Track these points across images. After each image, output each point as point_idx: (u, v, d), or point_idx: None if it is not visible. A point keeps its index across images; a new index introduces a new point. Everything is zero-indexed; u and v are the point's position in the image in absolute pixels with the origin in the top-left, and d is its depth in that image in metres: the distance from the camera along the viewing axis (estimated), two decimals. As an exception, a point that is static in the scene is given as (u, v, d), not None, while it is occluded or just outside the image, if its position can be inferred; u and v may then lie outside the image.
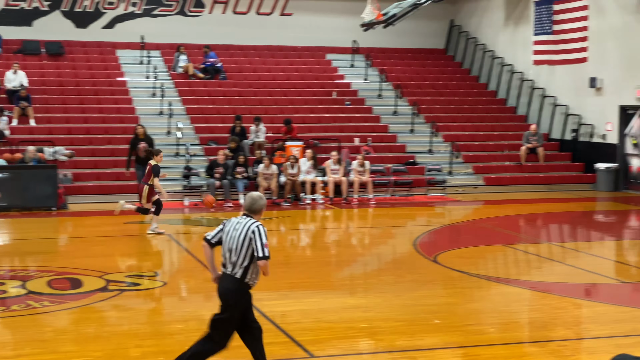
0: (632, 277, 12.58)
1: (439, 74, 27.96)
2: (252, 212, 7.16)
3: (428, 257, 13.51)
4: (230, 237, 7.08)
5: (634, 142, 21.97)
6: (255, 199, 7.18)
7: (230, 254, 7.08)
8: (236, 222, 7.13)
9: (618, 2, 22.08)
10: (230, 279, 7.08)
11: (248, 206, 7.18)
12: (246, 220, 7.08)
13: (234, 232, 7.06)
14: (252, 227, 7.01)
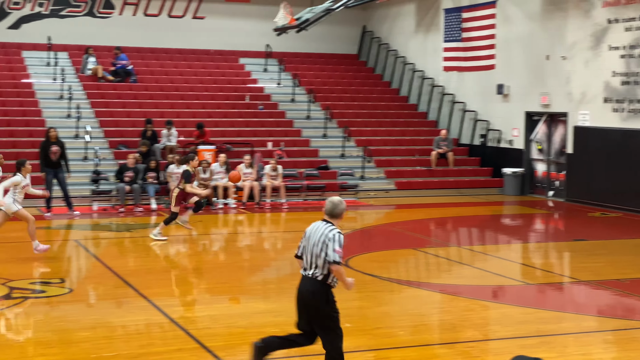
0: (537, 279, 12.89)
1: (351, 79, 28.18)
2: (333, 217, 7.30)
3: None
4: (310, 243, 7.27)
5: (539, 147, 22.57)
6: (336, 203, 7.31)
7: (311, 258, 7.26)
8: (316, 227, 7.30)
9: (524, 11, 22.67)
10: (312, 282, 7.26)
11: (329, 211, 7.31)
12: (325, 226, 7.25)
13: (314, 238, 7.25)
14: (329, 233, 7.18)
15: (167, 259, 13.48)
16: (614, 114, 19.80)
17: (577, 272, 13.37)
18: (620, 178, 19.11)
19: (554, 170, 22.15)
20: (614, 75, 19.75)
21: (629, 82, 19.35)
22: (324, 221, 7.31)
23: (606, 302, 11.39)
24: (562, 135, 21.70)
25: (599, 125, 20.25)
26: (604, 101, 20.08)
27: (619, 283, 12.05)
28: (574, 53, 20.92)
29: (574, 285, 12.42)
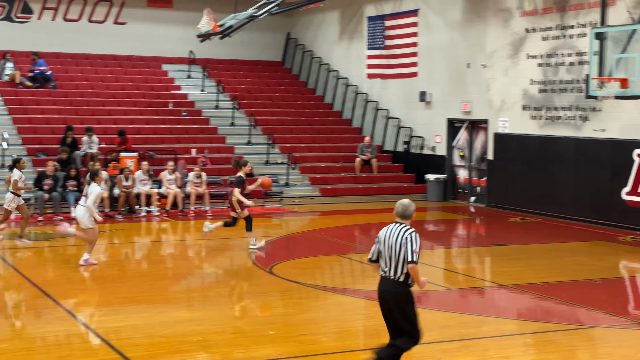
0: (459, 284, 13.07)
1: (276, 86, 28.16)
2: (405, 218, 7.66)
3: (264, 269, 13.51)
4: (387, 246, 7.58)
5: (461, 154, 22.94)
6: (406, 205, 7.70)
7: (390, 261, 7.56)
8: (391, 230, 7.62)
9: (445, 20, 23.03)
10: (393, 283, 7.57)
11: (401, 213, 7.68)
12: (400, 227, 7.60)
13: (390, 240, 7.57)
14: (405, 234, 7.53)
15: (87, 268, 13.20)
16: (532, 121, 20.25)
17: (498, 276, 13.61)
18: (539, 184, 19.55)
19: (476, 176, 22.53)
20: (532, 83, 20.21)
21: (546, 90, 19.82)
22: (396, 223, 7.63)
23: (525, 306, 11.61)
24: (483, 141, 22.10)
25: (518, 132, 20.69)
26: (522, 108, 20.53)
27: (537, 286, 12.30)
28: (493, 61, 21.34)
29: (494, 290, 12.64)
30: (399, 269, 7.52)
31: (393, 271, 7.55)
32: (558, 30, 19.42)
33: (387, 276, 7.60)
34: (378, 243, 7.67)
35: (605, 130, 18.32)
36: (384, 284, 7.63)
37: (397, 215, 7.68)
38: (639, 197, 17.37)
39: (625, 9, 16.41)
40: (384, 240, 7.62)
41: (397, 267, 7.53)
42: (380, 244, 7.65)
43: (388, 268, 7.58)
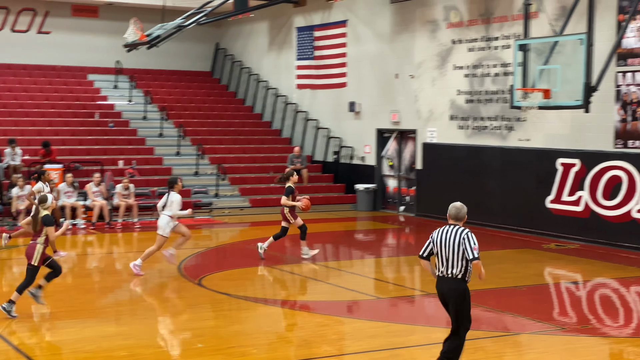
0: (389, 293, 13.14)
1: (205, 97, 27.98)
2: (459, 220, 8.15)
3: (193, 281, 13.36)
4: (444, 246, 8.03)
5: (390, 164, 23.12)
6: (458, 208, 8.19)
7: (447, 261, 8.02)
8: (446, 232, 8.07)
9: (373, 31, 23.21)
10: (453, 281, 8.03)
11: (454, 215, 8.17)
12: (456, 229, 8.06)
13: (447, 241, 8.02)
14: (462, 234, 8.00)
15: (8, 283, 12.85)
16: (460, 130, 20.54)
17: (426, 285, 13.71)
18: (466, 192, 19.78)
19: (405, 185, 22.73)
20: (458, 94, 20.51)
21: (472, 100, 20.14)
22: (450, 225, 8.10)
23: (454, 313, 11.70)
24: (412, 151, 22.32)
25: (446, 142, 20.96)
26: (450, 119, 20.81)
27: (466, 294, 12.42)
28: (421, 72, 21.59)
29: (424, 298, 12.73)
30: (458, 267, 7.98)
31: (452, 270, 8.01)
32: (483, 42, 19.77)
33: (445, 275, 8.06)
34: (431, 244, 8.14)
35: (530, 140, 18.70)
36: (442, 283, 8.11)
37: (451, 217, 8.17)
38: (562, 205, 17.76)
39: (547, 22, 16.79)
40: (439, 242, 8.07)
41: (456, 265, 7.98)
42: (434, 245, 8.12)
43: (445, 267, 8.05)
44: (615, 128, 16.79)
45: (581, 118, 16.76)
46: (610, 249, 16.51)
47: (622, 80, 16.60)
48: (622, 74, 16.58)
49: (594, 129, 17.15)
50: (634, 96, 16.40)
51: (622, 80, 16.60)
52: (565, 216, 17.72)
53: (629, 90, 16.50)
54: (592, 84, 14.83)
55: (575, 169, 17.55)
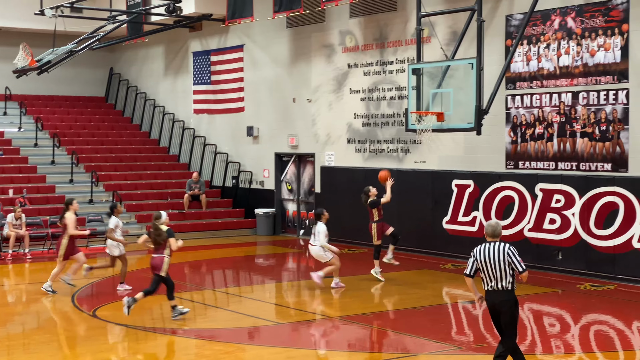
0: (290, 318, 13.08)
1: (99, 122, 27.44)
2: (496, 237, 8.76)
3: (87, 312, 13.00)
4: (490, 263, 8.63)
5: (289, 188, 23.16)
6: (494, 225, 8.83)
7: (496, 275, 8.62)
8: (489, 249, 8.67)
9: (270, 56, 23.28)
10: (503, 293, 8.66)
11: (491, 233, 8.77)
12: (498, 245, 8.68)
13: (493, 258, 8.62)
14: (506, 249, 8.65)
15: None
16: (357, 154, 20.76)
17: (327, 308, 13.75)
18: (365, 215, 19.89)
19: (304, 209, 22.79)
20: (355, 117, 20.75)
21: (369, 123, 20.40)
22: (490, 243, 8.69)
23: (355, 336, 11.76)
24: (311, 175, 22.42)
25: (343, 165, 21.14)
26: (347, 142, 21.02)
27: (365, 317, 12.51)
28: (318, 96, 21.76)
29: (325, 322, 12.74)
30: (506, 279, 8.59)
31: (502, 282, 8.60)
32: (378, 66, 20.09)
33: (496, 289, 8.64)
34: (476, 262, 8.70)
35: (425, 162, 19.06)
36: (494, 296, 8.68)
37: (489, 235, 8.77)
38: (458, 225, 18.13)
39: (439, 46, 17.19)
40: (485, 259, 8.63)
41: (505, 278, 8.59)
42: (479, 263, 8.67)
43: (495, 281, 8.63)
44: (507, 149, 17.29)
45: (474, 140, 17.19)
46: (505, 267, 16.90)
47: (511, 103, 17.14)
48: (511, 97, 17.12)
49: (487, 150, 17.62)
50: (523, 118, 16.94)
51: (512, 103, 17.13)
52: (461, 236, 18.08)
53: (518, 112, 17.04)
54: (483, 107, 15.24)
55: (469, 190, 17.97)
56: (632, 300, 13.84)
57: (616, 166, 15.46)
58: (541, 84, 16.60)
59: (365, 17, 20.33)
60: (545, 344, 11.09)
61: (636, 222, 15.06)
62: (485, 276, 8.70)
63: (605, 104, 15.57)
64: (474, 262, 8.74)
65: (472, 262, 8.76)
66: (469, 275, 8.81)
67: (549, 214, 16.42)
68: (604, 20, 15.54)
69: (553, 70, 16.40)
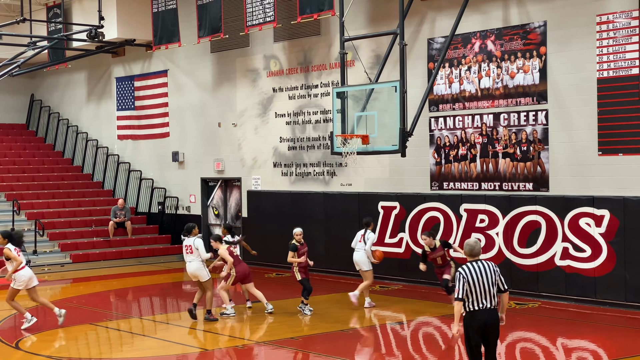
0: (219, 344, 12.95)
1: (20, 150, 26.85)
2: (477, 255, 8.70)
3: (9, 344, 12.63)
4: (482, 281, 8.53)
5: (216, 213, 23.01)
6: (473, 245, 8.74)
7: (487, 293, 8.53)
8: (479, 268, 8.59)
9: (194, 81, 23.18)
10: (494, 312, 8.60)
11: (470, 252, 8.71)
12: (485, 263, 8.64)
13: (485, 276, 8.56)
14: (494, 267, 8.67)
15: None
16: (284, 177, 20.78)
17: (255, 333, 13.67)
18: (290, 239, 19.92)
19: (231, 234, 22.62)
20: (281, 141, 20.78)
21: (295, 147, 20.46)
22: (475, 261, 8.62)
23: (284, 361, 11.70)
24: (237, 199, 22.32)
25: (270, 189, 21.12)
26: (274, 166, 21.02)
27: (293, 341, 12.47)
28: (244, 120, 21.73)
29: (255, 347, 12.65)
30: (495, 298, 8.57)
31: (490, 301, 8.53)
32: (303, 90, 20.19)
33: (486, 308, 8.53)
34: (466, 283, 8.50)
35: (352, 185, 19.18)
36: (486, 315, 8.54)
37: (468, 254, 8.72)
38: (385, 247, 18.23)
39: (363, 70, 17.38)
40: (476, 278, 8.51)
41: (494, 296, 8.56)
42: (470, 284, 8.49)
43: (487, 300, 8.53)
44: (431, 171, 17.54)
45: (399, 162, 17.38)
46: (431, 287, 17.07)
47: (435, 125, 17.41)
48: (434, 119, 17.40)
49: (412, 172, 17.83)
50: (447, 140, 17.22)
51: (435, 125, 17.40)
52: (387, 258, 18.18)
53: (442, 134, 17.31)
54: (407, 129, 15.43)
55: (395, 211, 18.14)
56: (555, 317, 14.14)
57: (537, 185, 15.83)
58: (463, 105, 16.93)
59: (289, 41, 20.44)
60: (472, 362, 11.20)
61: (558, 240, 15.42)
62: (476, 296, 8.53)
63: (526, 125, 15.95)
64: (465, 283, 8.52)
65: (463, 284, 8.53)
66: (461, 299, 8.56)
67: (473, 233, 16.67)
68: (523, 43, 15.95)
69: (474, 92, 16.75)
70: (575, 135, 15.30)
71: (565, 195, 15.38)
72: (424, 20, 17.53)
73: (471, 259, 8.71)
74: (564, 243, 15.32)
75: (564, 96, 15.42)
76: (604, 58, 14.86)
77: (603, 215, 14.81)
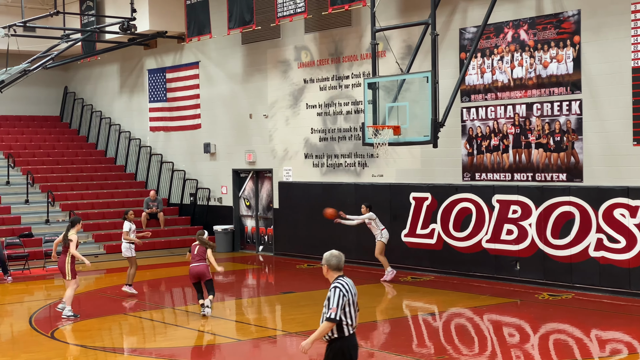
0: (250, 335, 13.02)
1: (54, 142, 27.13)
2: (341, 269, 7.36)
3: (45, 334, 12.80)
4: (354, 301, 7.27)
5: (247, 204, 23.09)
6: (338, 257, 7.37)
7: (355, 315, 7.27)
8: (349, 285, 7.28)
9: (225, 72, 23.24)
10: (355, 337, 7.29)
11: (337, 265, 7.33)
12: (350, 280, 7.34)
13: (354, 296, 7.28)
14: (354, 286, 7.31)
15: None
16: (315, 168, 20.79)
17: (287, 324, 13.71)
18: (323, 229, 19.98)
19: (263, 225, 22.73)
20: (312, 132, 20.79)
21: (326, 138, 20.45)
22: (343, 277, 7.34)
23: (316, 352, 11.72)
24: (269, 191, 22.38)
25: (301, 180, 21.15)
26: (305, 157, 21.03)
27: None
28: (275, 111, 21.76)
29: (285, 338, 12.70)
30: None
31: (356, 324, 7.33)
32: (334, 81, 20.17)
33: (354, 332, 7.32)
34: (347, 301, 7.18)
35: (383, 176, 19.14)
36: (354, 340, 7.32)
37: (337, 268, 7.37)
38: (416, 238, 18.22)
39: (394, 60, 17.33)
40: (353, 297, 7.25)
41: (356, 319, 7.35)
42: (349, 304, 7.21)
43: (356, 322, 7.32)
44: (463, 162, 17.45)
45: (431, 153, 17.32)
46: (463, 279, 17.04)
47: (467, 115, 17.31)
48: (466, 109, 17.30)
49: (443, 163, 17.76)
50: (479, 131, 17.12)
51: (467, 115, 17.30)
52: (419, 249, 18.18)
53: (473, 125, 17.21)
54: (439, 119, 15.37)
55: (427, 202, 18.08)
56: (589, 309, 14.03)
57: (571, 176, 15.69)
58: (496, 96, 16.81)
59: (320, 32, 20.41)
60: (506, 355, 11.17)
61: (592, 231, 15.28)
62: (349, 317, 7.22)
63: (559, 115, 15.81)
64: (345, 302, 7.17)
65: (343, 303, 7.16)
66: (334, 320, 7.12)
67: (506, 224, 16.58)
68: (556, 32, 15.80)
69: (507, 82, 16.62)
70: (610, 125, 15.13)
71: (600, 185, 15.23)
72: (455, 10, 17.42)
73: (337, 273, 7.37)
74: (598, 234, 15.18)
75: (598, 86, 15.26)
76: (639, 47, 14.67)
77: (638, 206, 14.65)
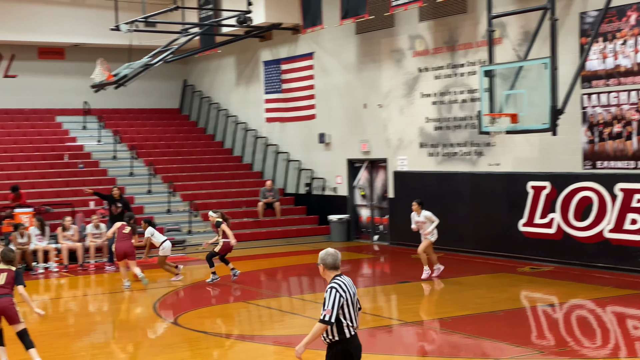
0: (367, 324, 13.07)
1: (174, 134, 27.93)
2: (339, 268, 7.08)
3: (168, 320, 13.23)
4: (353, 300, 6.98)
5: (362, 194, 23.16)
6: (334, 255, 7.08)
7: (356, 315, 7.01)
8: (348, 284, 6.98)
9: (340, 62, 23.35)
10: (357, 338, 7.05)
11: (334, 263, 7.04)
12: (348, 279, 7.05)
13: (354, 294, 7.00)
14: (353, 285, 7.06)
15: None
16: (430, 158, 20.65)
17: (403, 313, 13.70)
18: (439, 219, 19.83)
19: (378, 214, 22.76)
20: (427, 121, 20.64)
21: (441, 127, 20.27)
22: (341, 275, 7.06)
23: (432, 341, 11.69)
24: (383, 180, 22.39)
25: (416, 170, 21.05)
26: (419, 146, 20.92)
27: (442, 321, 12.42)
28: (389, 101, 21.72)
29: (401, 327, 12.70)
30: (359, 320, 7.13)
31: (357, 324, 7.06)
32: (449, 69, 19.96)
33: (356, 333, 7.05)
34: (344, 301, 6.90)
35: (500, 165, 18.84)
36: (356, 341, 7.06)
37: (337, 267, 7.08)
38: (535, 227, 17.86)
39: (511, 47, 16.99)
40: (351, 297, 6.95)
41: (358, 318, 7.10)
42: (347, 303, 6.92)
43: (356, 323, 7.03)
44: (584, 149, 16.97)
45: (549, 141, 16.93)
46: (584, 269, 16.60)
47: (587, 102, 16.81)
48: (587, 95, 16.80)
49: (563, 151, 17.32)
50: (600, 117, 16.61)
51: (588, 102, 16.81)
52: (538, 239, 17.81)
53: (594, 111, 16.71)
54: (558, 106, 15.00)
55: (545, 191, 17.69)
56: None
57: (699, 163, 15.03)
58: (618, 81, 16.26)
59: (434, 20, 20.23)
60: (630, 347, 10.84)
61: None
62: (349, 318, 6.95)
63: (686, 100, 15.16)
64: (342, 301, 6.88)
65: (340, 303, 6.88)
66: (327, 322, 6.86)
67: (629, 214, 16.05)
68: (682, 14, 15.14)
69: (630, 67, 16.04)
70: None
71: None
72: (575, -6, 16.94)
73: (337, 272, 7.07)
74: None
75: None
76: None
77: None
